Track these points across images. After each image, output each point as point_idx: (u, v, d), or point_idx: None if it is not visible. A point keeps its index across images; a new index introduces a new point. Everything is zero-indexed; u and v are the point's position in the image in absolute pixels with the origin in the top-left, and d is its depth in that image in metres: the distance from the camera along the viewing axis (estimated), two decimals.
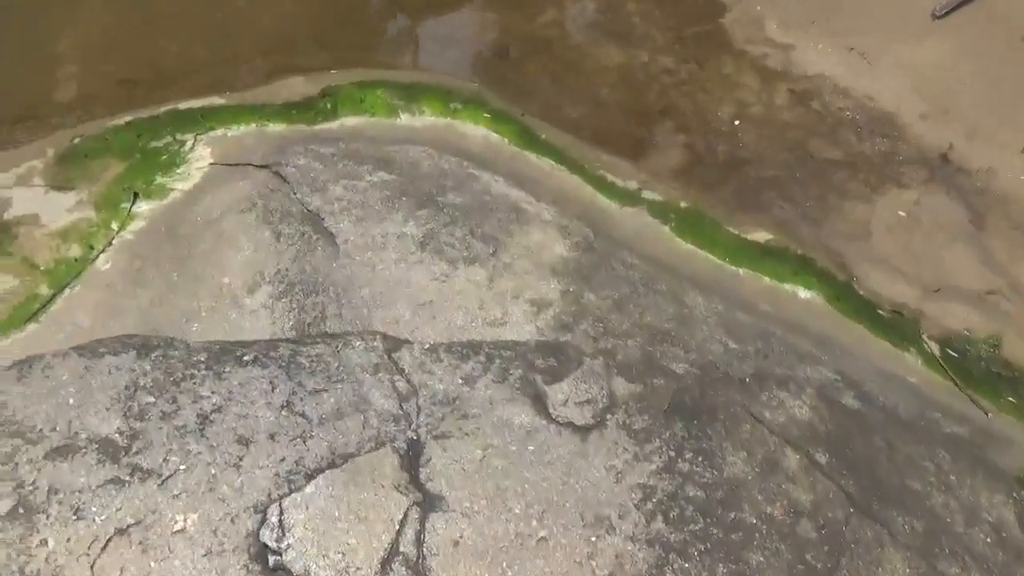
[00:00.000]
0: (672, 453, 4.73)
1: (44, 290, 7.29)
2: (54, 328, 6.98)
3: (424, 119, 8.62)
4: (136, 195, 7.88)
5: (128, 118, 8.63)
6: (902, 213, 8.35)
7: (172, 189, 7.92)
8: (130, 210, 7.79)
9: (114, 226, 7.69)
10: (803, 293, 7.46)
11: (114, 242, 7.56)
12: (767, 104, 9.38)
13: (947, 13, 10.05)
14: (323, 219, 6.98)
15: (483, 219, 6.93)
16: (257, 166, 7.86)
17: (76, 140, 8.43)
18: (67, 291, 7.25)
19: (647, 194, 8.36)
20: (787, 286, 7.51)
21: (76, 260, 7.44)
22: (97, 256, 7.49)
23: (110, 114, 8.87)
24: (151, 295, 6.99)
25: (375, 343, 5.21)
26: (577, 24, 10.12)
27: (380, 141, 8.00)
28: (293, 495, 4.18)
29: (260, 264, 6.79)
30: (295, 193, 7.37)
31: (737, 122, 9.20)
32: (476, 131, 8.55)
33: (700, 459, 4.77)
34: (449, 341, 5.48)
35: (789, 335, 6.64)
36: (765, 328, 6.64)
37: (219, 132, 8.35)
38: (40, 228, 7.68)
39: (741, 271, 7.63)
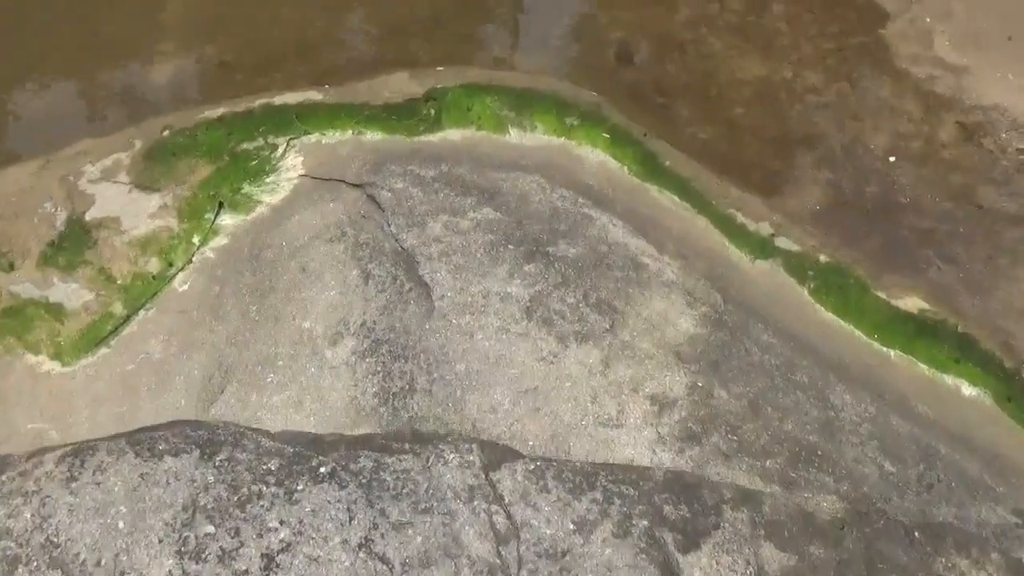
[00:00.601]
0: None
1: (118, 308, 6.52)
2: (125, 356, 6.22)
3: (536, 137, 7.38)
4: (221, 204, 6.99)
5: (221, 111, 7.68)
6: None
7: (259, 202, 6.98)
8: (213, 222, 6.92)
9: (195, 240, 6.84)
10: (967, 389, 6.05)
11: (194, 260, 6.73)
12: (929, 138, 7.76)
13: None
14: (418, 263, 5.94)
15: (599, 279, 5.76)
16: (351, 184, 6.84)
17: (165, 132, 7.57)
18: (141, 313, 6.49)
19: (781, 242, 6.99)
20: (948, 378, 6.12)
21: (154, 277, 6.63)
22: (175, 274, 6.67)
23: (204, 101, 8.01)
24: (227, 331, 6.12)
25: (471, 457, 4.23)
26: (713, 27, 8.60)
27: (486, 165, 6.84)
28: None
29: (345, 310, 5.82)
30: (389, 224, 6.32)
31: (892, 158, 7.63)
32: (593, 155, 7.27)
33: None
34: (558, 458, 4.43)
35: (956, 453, 5.32)
36: (926, 443, 5.34)
37: (313, 138, 7.32)
38: (120, 235, 6.88)
39: (893, 353, 6.27)
